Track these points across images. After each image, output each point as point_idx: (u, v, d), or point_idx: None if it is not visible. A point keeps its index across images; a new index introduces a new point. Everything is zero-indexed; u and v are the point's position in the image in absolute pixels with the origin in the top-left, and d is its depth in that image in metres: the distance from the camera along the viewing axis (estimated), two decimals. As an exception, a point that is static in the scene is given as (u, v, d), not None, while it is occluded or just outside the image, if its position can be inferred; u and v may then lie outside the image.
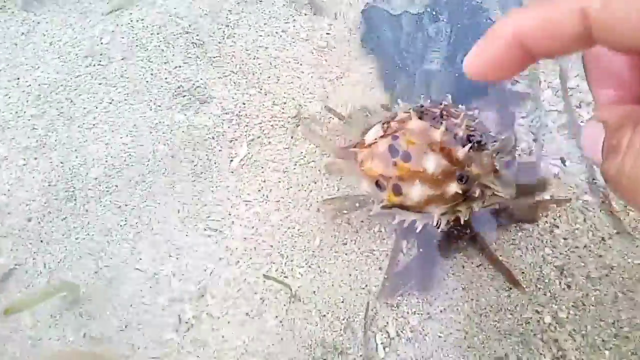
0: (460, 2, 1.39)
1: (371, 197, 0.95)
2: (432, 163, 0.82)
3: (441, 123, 0.85)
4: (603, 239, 1.23)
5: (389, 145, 0.86)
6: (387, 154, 0.86)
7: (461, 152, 0.83)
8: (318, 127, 1.31)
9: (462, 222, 0.94)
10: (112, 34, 1.35)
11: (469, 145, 0.83)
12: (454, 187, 0.84)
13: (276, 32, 1.40)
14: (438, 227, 0.96)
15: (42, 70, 1.30)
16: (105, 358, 1.05)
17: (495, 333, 1.14)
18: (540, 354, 1.13)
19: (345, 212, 1.21)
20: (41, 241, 1.15)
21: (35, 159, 1.22)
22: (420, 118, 0.88)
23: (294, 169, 1.27)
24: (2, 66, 1.30)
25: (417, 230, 0.98)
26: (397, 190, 0.85)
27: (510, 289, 1.17)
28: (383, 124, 0.93)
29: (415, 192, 0.83)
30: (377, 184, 0.88)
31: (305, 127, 1.28)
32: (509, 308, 1.16)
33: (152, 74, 1.32)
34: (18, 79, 1.29)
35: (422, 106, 0.96)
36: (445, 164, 0.83)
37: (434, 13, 1.38)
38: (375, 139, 0.89)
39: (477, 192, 0.88)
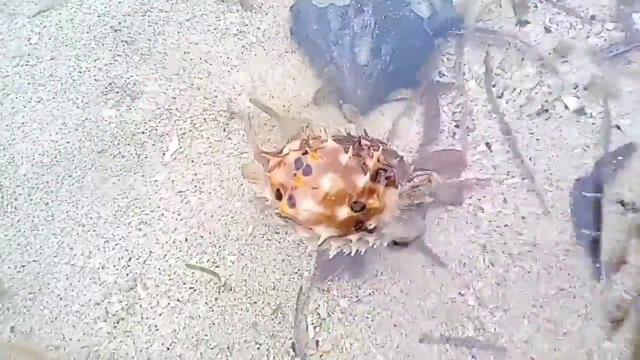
0: (384, -5, 1.44)
1: (271, 205, 0.95)
2: (328, 182, 0.83)
3: (352, 148, 0.86)
4: (524, 217, 1.29)
5: (297, 158, 0.87)
6: (292, 166, 0.86)
7: (361, 180, 0.84)
8: (254, 123, 1.35)
9: (351, 252, 0.94)
10: (40, 34, 1.36)
11: (368, 175, 0.84)
12: (344, 212, 0.84)
13: (207, 29, 1.43)
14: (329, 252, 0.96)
15: (-31, 72, 1.31)
16: (33, 350, 1.06)
17: (420, 313, 1.19)
18: (463, 327, 1.18)
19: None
20: (-34, 239, 1.16)
21: (-40, 158, 1.23)
22: (338, 141, 0.89)
23: (227, 161, 1.30)
24: None
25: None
26: (291, 201, 0.86)
27: (435, 270, 1.22)
28: (303, 140, 0.94)
29: (306, 205, 0.84)
30: (277, 192, 0.89)
31: (246, 119, 1.30)
32: (433, 288, 1.21)
33: (80, 72, 1.33)
34: (-57, 80, 1.29)
35: (349, 134, 0.99)
36: (340, 187, 0.83)
37: (358, 6, 1.43)
38: (289, 150, 0.91)
39: (372, 226, 0.89)
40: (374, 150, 0.89)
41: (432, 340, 1.17)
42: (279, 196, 0.87)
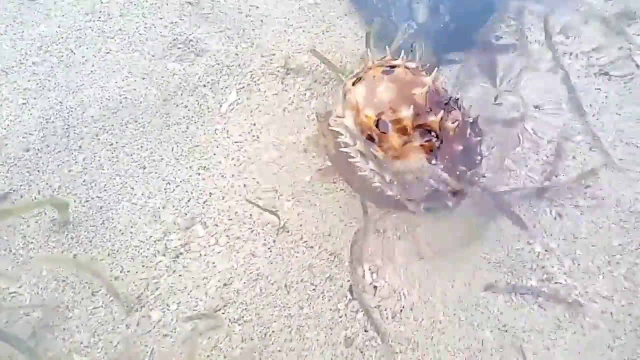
0: (442, -42, 1.45)
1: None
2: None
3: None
4: (592, 170, 1.23)
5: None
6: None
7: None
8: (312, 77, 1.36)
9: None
10: (111, -6, 1.43)
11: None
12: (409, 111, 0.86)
13: (266, -8, 1.47)
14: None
15: (46, 26, 1.38)
16: (98, 271, 1.07)
17: (485, 263, 1.14)
18: (528, 278, 1.12)
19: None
20: (38, 171, 1.20)
21: (35, 98, 1.28)
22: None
23: (283, 113, 1.31)
24: (9, 22, 1.38)
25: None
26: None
27: (501, 224, 1.17)
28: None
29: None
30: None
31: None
32: (499, 239, 1.16)
33: (146, 28, 1.39)
34: (23, 32, 1.37)
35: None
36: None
37: (417, -33, 1.44)
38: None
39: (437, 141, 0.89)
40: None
41: (497, 289, 1.11)
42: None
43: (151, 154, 1.24)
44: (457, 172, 0.93)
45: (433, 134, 0.88)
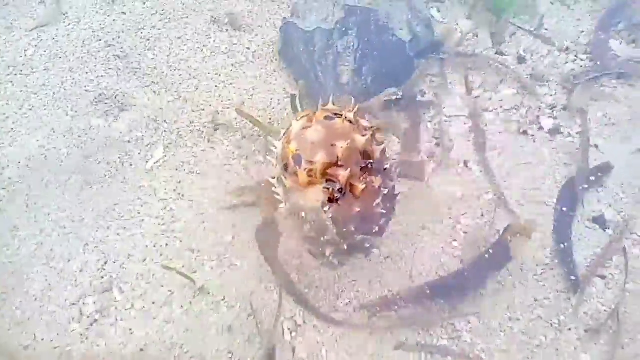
0: (368, 20, 1.52)
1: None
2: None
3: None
4: (499, 231, 1.31)
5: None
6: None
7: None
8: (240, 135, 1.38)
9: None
10: (36, 47, 1.42)
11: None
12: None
13: (197, 47, 1.50)
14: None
15: (-36, 79, 1.36)
16: (3, 349, 1.05)
17: (398, 321, 1.18)
18: (439, 336, 1.17)
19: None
20: (-53, 236, 1.17)
21: (-52, 158, 1.25)
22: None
23: (210, 170, 1.33)
24: None
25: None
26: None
27: (412, 280, 1.23)
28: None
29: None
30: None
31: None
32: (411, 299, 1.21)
33: (72, 83, 1.38)
34: (-62, 86, 1.34)
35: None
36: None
37: (343, 29, 1.50)
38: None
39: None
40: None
41: (407, 348, 1.16)
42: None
43: (71, 214, 1.23)
44: (345, 230, 0.98)
45: (337, 185, 0.93)
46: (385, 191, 0.99)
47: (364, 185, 0.93)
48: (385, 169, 0.99)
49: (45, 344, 1.09)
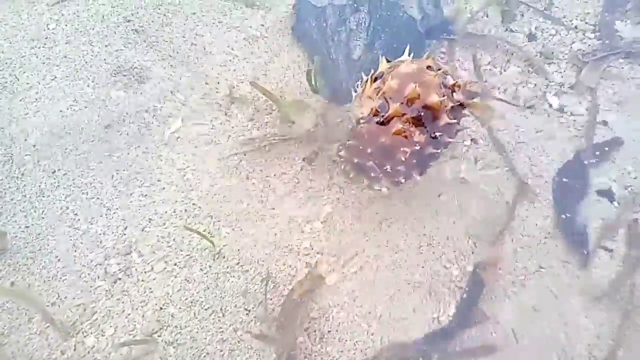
0: (379, -3, 1.55)
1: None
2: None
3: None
4: (507, 203, 1.35)
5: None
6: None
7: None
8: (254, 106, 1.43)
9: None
10: (58, 21, 1.46)
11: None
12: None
13: (212, 22, 1.53)
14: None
15: (-11, 51, 1.40)
16: (35, 299, 1.10)
17: (406, 285, 1.23)
18: (446, 301, 1.22)
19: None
20: (-24, 198, 1.23)
21: (-24, 126, 1.30)
22: None
23: (226, 141, 1.37)
24: (-49, 46, 1.40)
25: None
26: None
27: (422, 246, 1.27)
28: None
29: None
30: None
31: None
32: (419, 263, 1.26)
33: (92, 56, 1.43)
34: (-36, 57, 1.39)
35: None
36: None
37: (355, 5, 1.54)
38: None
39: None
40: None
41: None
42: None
43: (93, 180, 1.28)
44: (362, 148, 1.06)
45: (384, 112, 1.00)
46: (418, 148, 1.02)
47: (401, 127, 0.99)
48: (434, 136, 1.02)
49: (69, 301, 1.14)
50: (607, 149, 1.45)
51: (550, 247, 1.29)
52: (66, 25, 1.46)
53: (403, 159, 1.03)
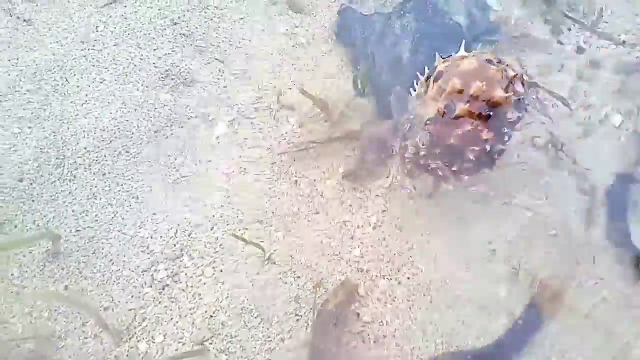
0: (425, 5, 1.54)
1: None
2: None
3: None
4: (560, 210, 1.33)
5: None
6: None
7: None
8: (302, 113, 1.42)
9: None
10: (106, 23, 1.47)
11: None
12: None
13: (258, 27, 1.53)
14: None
15: (40, 53, 1.41)
16: (89, 304, 1.11)
17: (458, 298, 1.22)
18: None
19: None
20: (32, 200, 1.23)
21: (29, 127, 1.31)
22: None
23: (274, 146, 1.37)
24: (3, 47, 1.40)
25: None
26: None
27: (473, 260, 1.26)
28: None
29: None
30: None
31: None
32: (469, 279, 1.24)
33: (141, 59, 1.43)
34: (17, 59, 1.39)
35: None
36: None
37: (401, 12, 1.52)
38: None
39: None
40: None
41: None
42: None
43: (142, 184, 1.29)
44: (429, 146, 1.07)
45: (452, 113, 1.00)
46: (488, 147, 1.02)
47: (470, 128, 0.99)
48: (504, 132, 1.02)
49: (121, 306, 1.15)
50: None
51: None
52: (114, 28, 1.46)
53: (472, 157, 1.04)
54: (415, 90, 1.14)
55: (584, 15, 1.72)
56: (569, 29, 1.69)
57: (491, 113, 0.99)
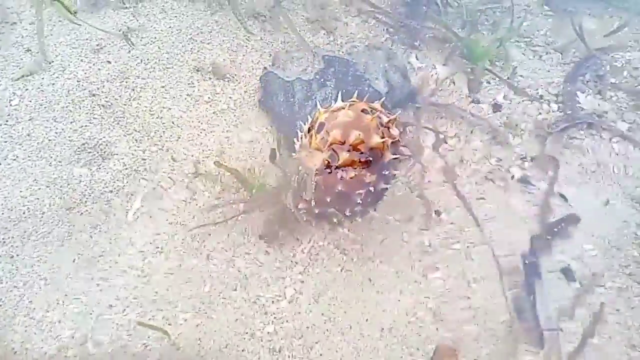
0: (346, 71, 1.57)
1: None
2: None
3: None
4: (469, 282, 1.36)
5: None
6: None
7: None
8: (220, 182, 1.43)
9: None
10: (21, 97, 1.45)
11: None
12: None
13: (180, 95, 1.54)
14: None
15: (-51, 129, 1.39)
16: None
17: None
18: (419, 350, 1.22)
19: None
20: None
21: None
22: None
23: (189, 219, 1.37)
24: None
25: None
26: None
27: (384, 330, 1.27)
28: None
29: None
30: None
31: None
32: (381, 348, 1.26)
33: (56, 133, 1.42)
34: None
35: None
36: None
37: (322, 80, 1.56)
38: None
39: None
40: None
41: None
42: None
43: (52, 265, 1.26)
44: (322, 197, 1.14)
45: (336, 162, 1.08)
46: (372, 189, 1.13)
47: (354, 174, 1.09)
48: (382, 173, 1.13)
49: (24, 399, 1.12)
50: (564, 225, 1.47)
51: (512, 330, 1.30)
52: (30, 101, 1.45)
53: (359, 200, 1.15)
54: (298, 141, 1.21)
55: (502, 69, 1.79)
56: (489, 82, 1.76)
57: (371, 158, 1.09)
